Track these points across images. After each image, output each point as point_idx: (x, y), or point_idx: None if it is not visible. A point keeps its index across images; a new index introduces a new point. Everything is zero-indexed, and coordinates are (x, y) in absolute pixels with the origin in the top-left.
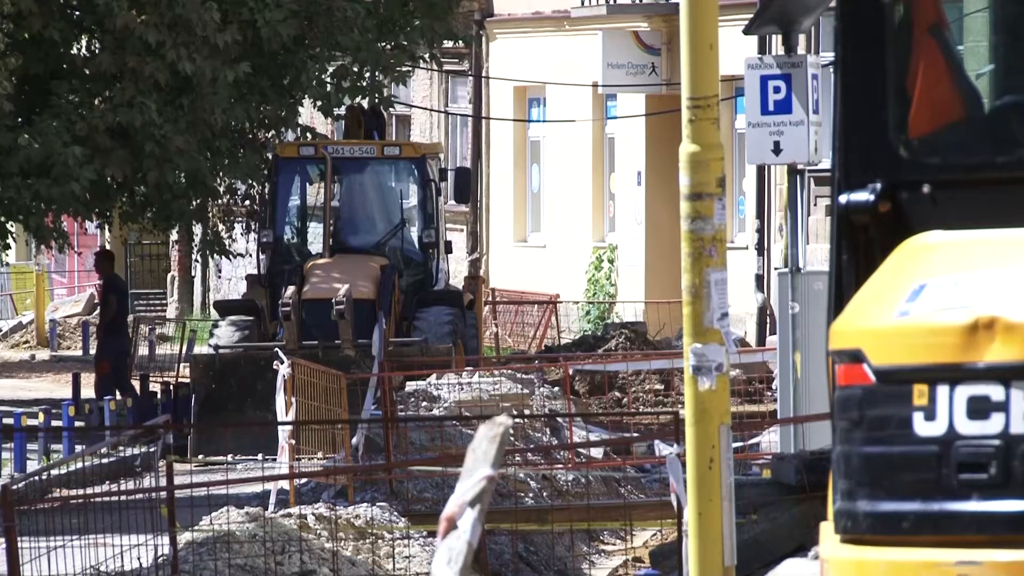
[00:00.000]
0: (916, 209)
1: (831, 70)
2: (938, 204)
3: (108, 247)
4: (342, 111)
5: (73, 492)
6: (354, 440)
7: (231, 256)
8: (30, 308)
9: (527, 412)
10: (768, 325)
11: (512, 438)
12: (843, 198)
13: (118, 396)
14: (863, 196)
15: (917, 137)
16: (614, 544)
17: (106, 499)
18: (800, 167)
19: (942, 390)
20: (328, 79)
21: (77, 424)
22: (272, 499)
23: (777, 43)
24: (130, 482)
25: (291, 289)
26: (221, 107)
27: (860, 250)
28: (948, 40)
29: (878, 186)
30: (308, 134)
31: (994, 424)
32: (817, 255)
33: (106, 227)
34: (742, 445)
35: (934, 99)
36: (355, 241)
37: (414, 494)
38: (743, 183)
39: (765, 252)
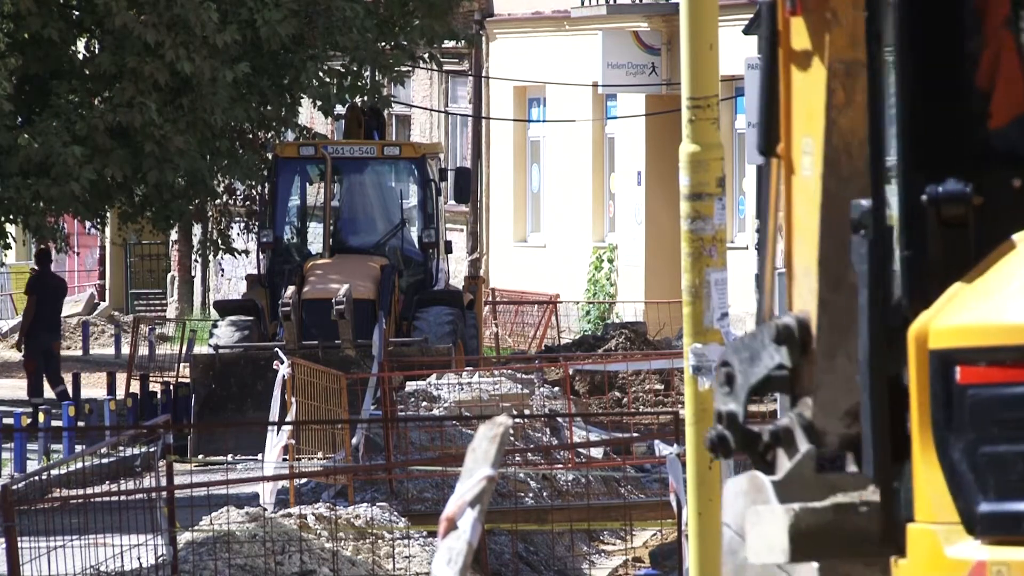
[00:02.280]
0: (1002, 201)
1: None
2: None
3: (107, 247)
4: (342, 111)
5: (73, 492)
6: (354, 440)
7: (235, 252)
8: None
9: (527, 412)
10: None
11: (512, 438)
12: (932, 190)
13: (50, 393)
14: (958, 188)
15: (998, 128)
16: (614, 544)
17: (106, 499)
18: None
19: None
20: (327, 79)
21: (77, 424)
22: (267, 498)
23: None
24: (130, 482)
25: (291, 289)
26: (221, 107)
27: (947, 245)
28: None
29: (961, 180)
30: (307, 133)
31: None
32: None
33: (106, 227)
34: None
35: (1013, 89)
36: (355, 241)
37: (414, 494)
38: (743, 183)
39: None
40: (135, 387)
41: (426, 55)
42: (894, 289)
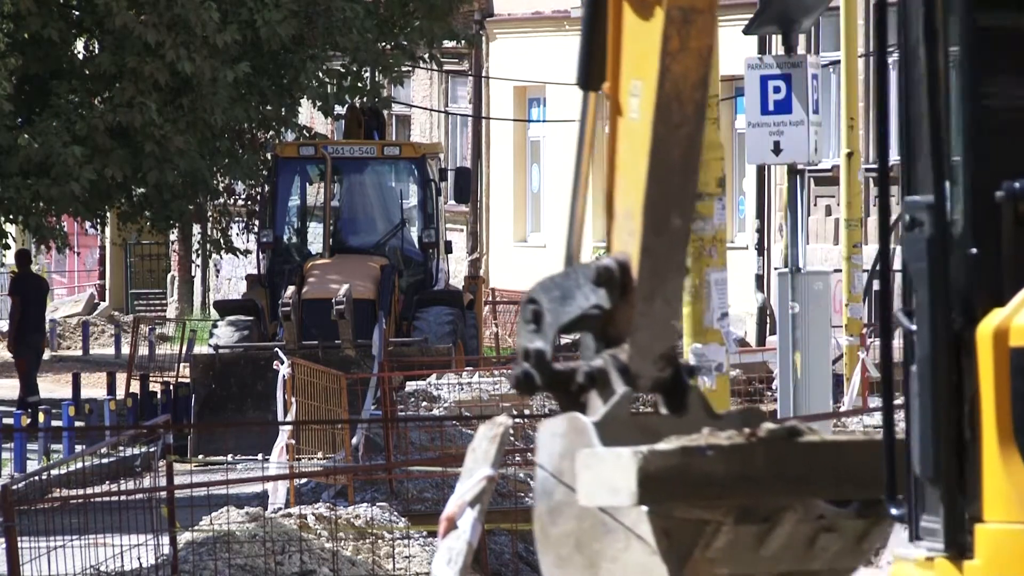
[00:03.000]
0: None
1: (830, 70)
2: None
3: (107, 247)
4: (342, 111)
5: (73, 492)
6: (354, 440)
7: (237, 252)
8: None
9: (527, 412)
10: (768, 325)
11: (512, 438)
12: (1009, 187)
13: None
14: None
15: None
16: None
17: (106, 499)
18: (800, 167)
19: None
20: (327, 79)
21: (77, 424)
22: (280, 500)
23: (777, 43)
24: (130, 482)
25: (291, 289)
26: (221, 107)
27: (1022, 242)
28: None
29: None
30: (307, 133)
31: None
32: (817, 255)
33: (106, 227)
34: None
35: None
36: (355, 241)
37: (414, 494)
38: (743, 183)
39: (765, 252)
40: (135, 387)
41: (426, 55)
42: (955, 287)
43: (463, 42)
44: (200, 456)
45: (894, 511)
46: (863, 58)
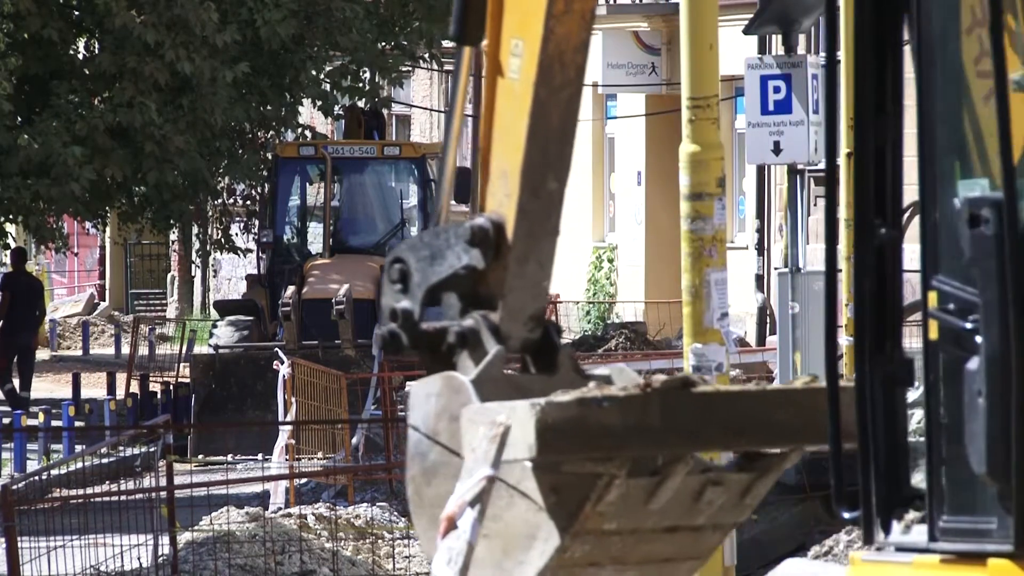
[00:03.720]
0: None
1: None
2: None
3: (107, 247)
4: (342, 111)
5: (73, 492)
6: (354, 440)
7: (239, 252)
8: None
9: None
10: (768, 325)
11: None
12: None
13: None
14: None
15: None
16: None
17: (106, 499)
18: (800, 167)
19: None
20: (326, 79)
21: (77, 424)
22: (279, 500)
23: (777, 43)
24: (130, 482)
25: (291, 289)
26: (221, 107)
27: None
28: None
29: None
30: (308, 133)
31: None
32: (817, 255)
33: (106, 227)
34: None
35: None
36: (355, 241)
37: None
38: (743, 183)
39: (765, 252)
40: (135, 387)
41: (426, 55)
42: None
43: None
44: (200, 456)
45: (846, 515)
46: None
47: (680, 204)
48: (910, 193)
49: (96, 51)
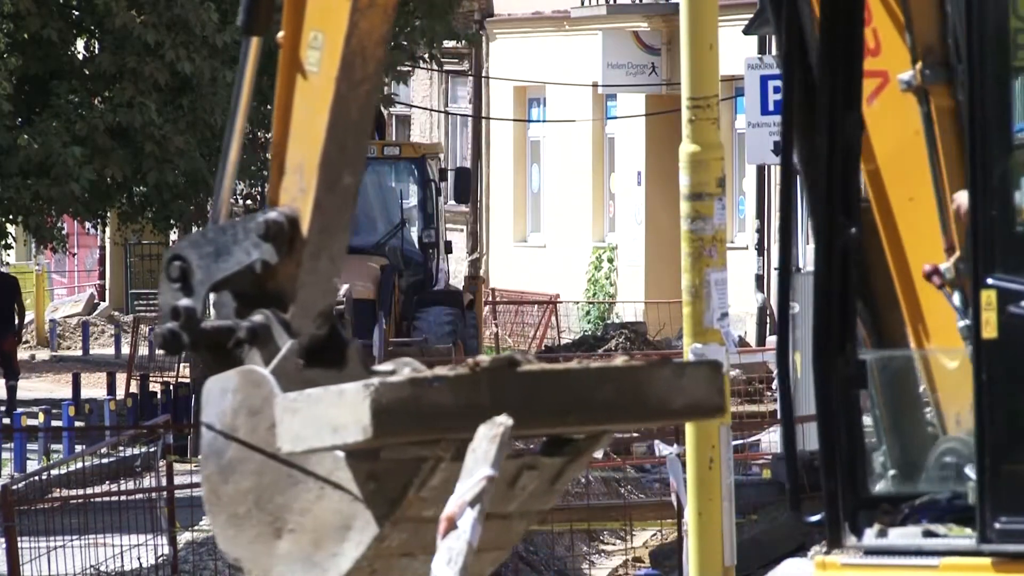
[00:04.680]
0: None
1: None
2: None
3: (107, 247)
4: None
5: (73, 492)
6: None
7: None
8: (30, 308)
9: None
10: (768, 325)
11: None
12: None
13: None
14: None
15: None
16: (614, 544)
17: (106, 499)
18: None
19: None
20: None
21: (77, 424)
22: None
23: None
24: (130, 482)
25: None
26: (221, 107)
27: None
28: None
29: None
30: None
31: None
32: None
33: (106, 227)
34: (742, 443)
35: None
36: (355, 241)
37: None
38: (743, 183)
39: (765, 252)
40: (135, 387)
41: (426, 55)
42: None
43: (463, 42)
44: (200, 456)
45: (811, 518)
46: None
47: (680, 204)
48: None
49: (96, 51)
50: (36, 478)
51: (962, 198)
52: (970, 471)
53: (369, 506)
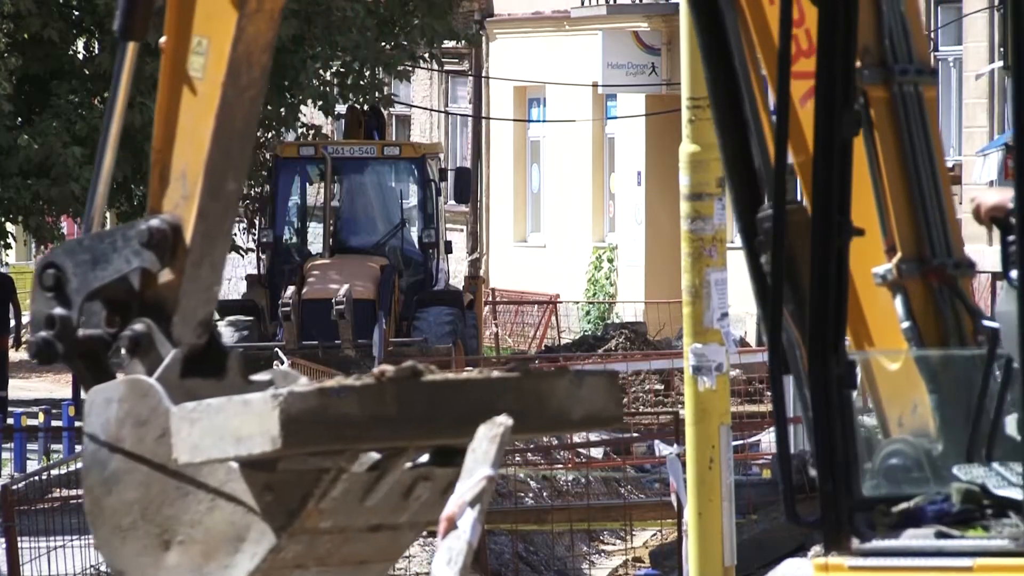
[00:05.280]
0: None
1: None
2: None
3: None
4: (342, 110)
5: (73, 492)
6: None
7: (240, 251)
8: (28, 308)
9: None
10: None
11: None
12: None
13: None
14: None
15: None
16: (614, 544)
17: None
18: None
19: None
20: (334, 78)
21: (77, 424)
22: None
23: None
24: None
25: (291, 289)
26: None
27: None
28: None
29: None
30: (312, 133)
31: None
32: None
33: (106, 228)
34: (742, 443)
35: None
36: (355, 241)
37: None
38: None
39: None
40: None
41: (426, 55)
42: None
43: (463, 42)
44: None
45: (808, 520)
46: None
47: (680, 204)
48: None
49: (96, 51)
50: (36, 478)
51: (984, 196)
52: (959, 472)
53: (266, 517)
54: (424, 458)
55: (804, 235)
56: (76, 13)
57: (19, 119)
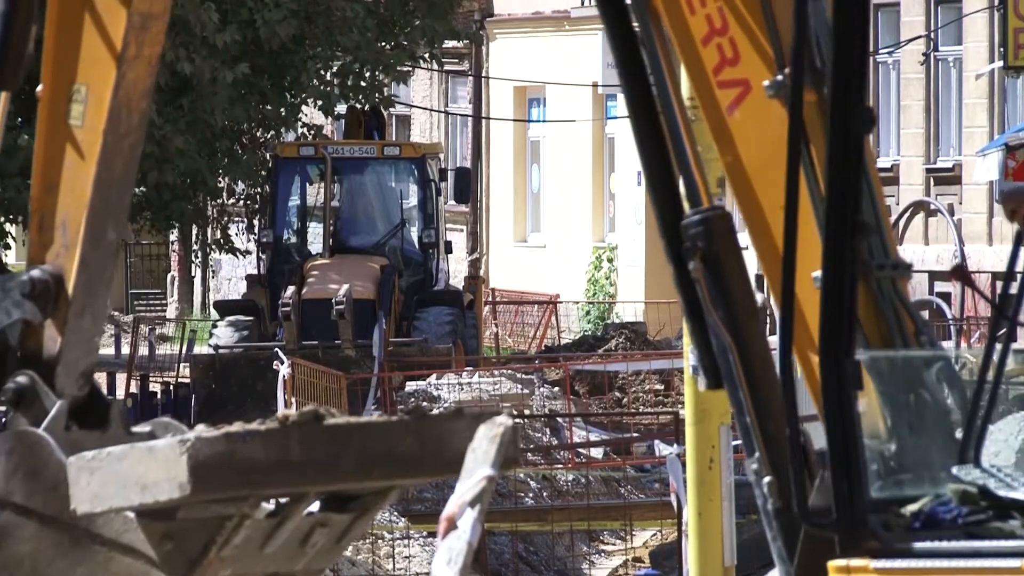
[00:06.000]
0: None
1: None
2: None
3: None
4: (342, 110)
5: None
6: None
7: (237, 252)
8: None
9: (527, 412)
10: (768, 325)
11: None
12: None
13: None
14: None
15: None
16: (614, 544)
17: None
18: None
19: None
20: (335, 78)
21: None
22: None
23: None
24: None
25: (291, 289)
26: (221, 107)
27: None
28: None
29: None
30: (312, 133)
31: None
32: None
33: None
34: (742, 443)
35: None
36: (355, 241)
37: (414, 494)
38: None
39: None
40: (135, 387)
41: (426, 55)
42: None
43: (463, 42)
44: None
45: (821, 522)
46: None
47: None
48: (909, 194)
49: None
50: None
51: None
52: (958, 471)
53: (165, 568)
54: (316, 506)
55: (729, 239)
56: None
57: (19, 119)
